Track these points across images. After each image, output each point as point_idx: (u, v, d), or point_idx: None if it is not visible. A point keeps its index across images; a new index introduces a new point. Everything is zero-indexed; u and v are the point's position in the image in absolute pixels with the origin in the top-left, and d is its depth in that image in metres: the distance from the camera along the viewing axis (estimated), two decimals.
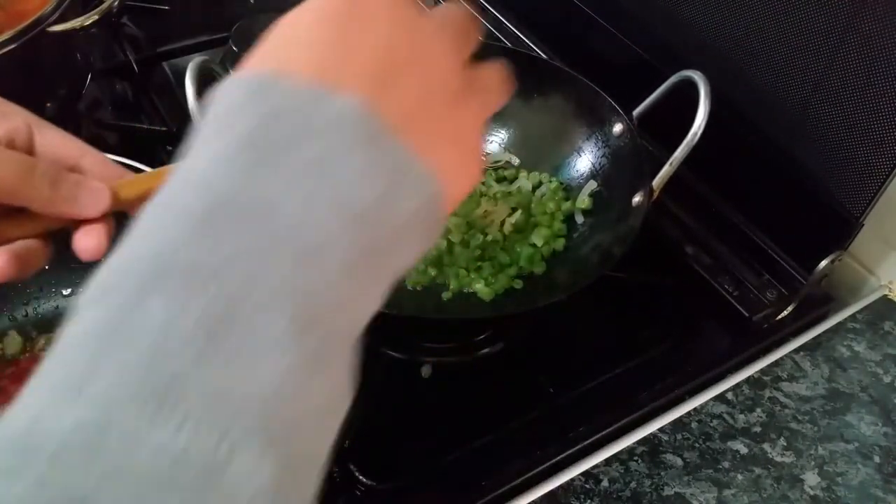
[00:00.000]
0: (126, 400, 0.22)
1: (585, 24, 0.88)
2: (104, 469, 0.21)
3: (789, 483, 0.60)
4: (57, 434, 0.21)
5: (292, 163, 0.26)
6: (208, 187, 0.26)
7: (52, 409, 0.22)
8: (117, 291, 0.25)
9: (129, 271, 0.25)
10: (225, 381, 0.23)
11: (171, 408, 0.22)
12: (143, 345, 0.23)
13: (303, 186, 0.26)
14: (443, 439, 0.62)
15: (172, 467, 0.21)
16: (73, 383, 0.23)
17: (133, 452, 0.21)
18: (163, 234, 0.25)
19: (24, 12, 0.68)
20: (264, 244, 0.25)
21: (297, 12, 0.32)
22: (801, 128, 0.71)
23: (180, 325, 0.23)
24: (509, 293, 0.70)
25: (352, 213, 0.26)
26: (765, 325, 0.73)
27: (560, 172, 0.78)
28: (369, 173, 0.27)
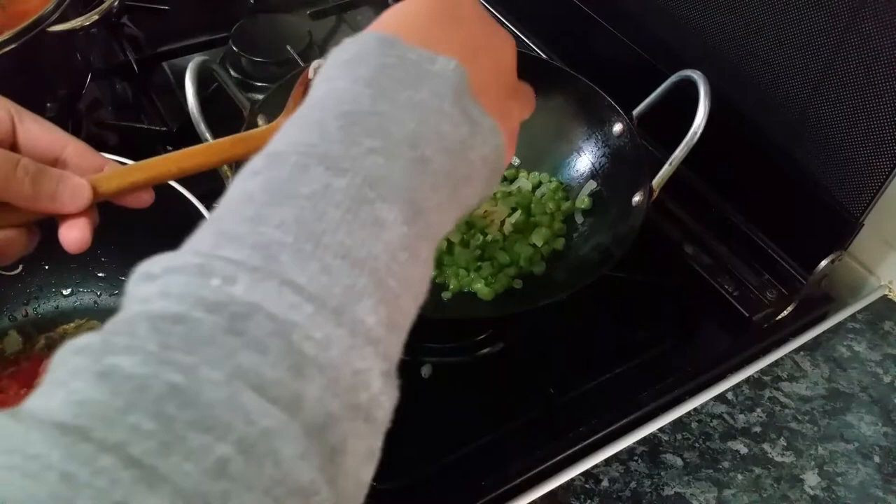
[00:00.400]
0: (287, 244, 0.28)
1: (585, 23, 0.88)
2: (265, 291, 0.26)
3: (789, 483, 0.60)
4: (227, 264, 0.27)
5: (405, 98, 0.34)
6: (341, 106, 0.33)
7: (221, 250, 0.28)
8: (278, 167, 0.31)
9: (286, 154, 0.31)
10: (357, 242, 0.29)
11: (318, 256, 0.28)
12: (301, 205, 0.29)
13: (413, 116, 0.33)
14: (443, 439, 0.62)
15: (313, 301, 0.27)
16: (237, 234, 0.28)
17: (286, 285, 0.27)
18: (307, 135, 0.32)
19: (24, 12, 0.68)
20: (386, 150, 0.31)
21: (407, 3, 0.40)
22: (801, 128, 0.71)
23: (331, 193, 0.29)
24: (509, 293, 0.70)
25: (443, 144, 0.34)
26: (765, 324, 0.73)
27: (560, 172, 0.78)
28: (457, 119, 0.35)
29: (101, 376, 0.24)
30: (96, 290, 0.68)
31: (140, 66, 0.91)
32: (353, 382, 0.27)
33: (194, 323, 0.25)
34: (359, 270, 0.28)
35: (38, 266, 0.67)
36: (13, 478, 0.21)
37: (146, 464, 0.22)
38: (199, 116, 0.66)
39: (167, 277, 0.27)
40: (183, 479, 0.22)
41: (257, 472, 0.23)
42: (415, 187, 0.31)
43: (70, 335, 0.66)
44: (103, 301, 0.68)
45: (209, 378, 0.24)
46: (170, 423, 0.23)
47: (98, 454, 0.22)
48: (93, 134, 0.86)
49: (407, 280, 0.30)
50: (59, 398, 0.24)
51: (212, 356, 0.25)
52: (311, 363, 0.26)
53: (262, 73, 0.90)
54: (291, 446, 0.24)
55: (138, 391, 0.23)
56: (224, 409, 0.24)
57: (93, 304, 0.68)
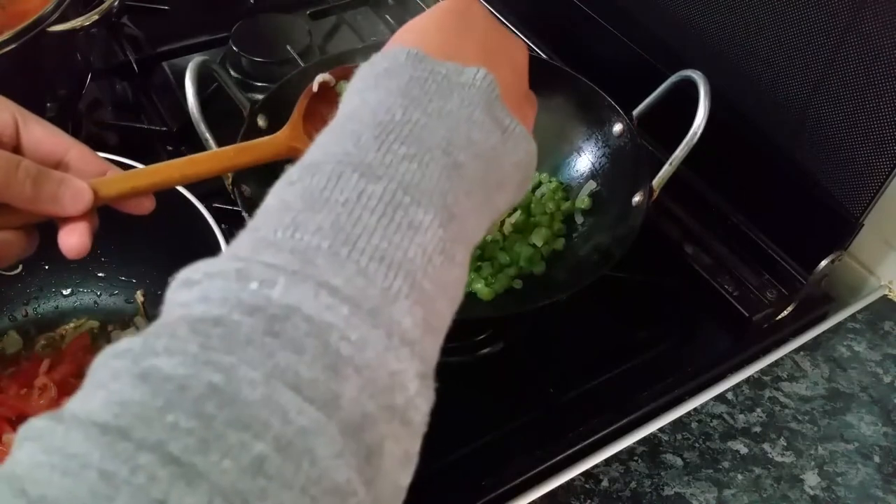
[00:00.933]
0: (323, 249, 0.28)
1: (585, 23, 0.88)
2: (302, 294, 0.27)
3: (789, 483, 0.60)
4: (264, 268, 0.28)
5: (436, 108, 0.35)
6: (374, 117, 0.34)
7: (258, 255, 0.28)
8: (313, 176, 0.31)
9: (322, 164, 0.32)
10: (392, 245, 0.29)
11: (354, 259, 0.28)
12: (337, 212, 0.30)
13: (444, 124, 0.34)
14: (443, 439, 0.62)
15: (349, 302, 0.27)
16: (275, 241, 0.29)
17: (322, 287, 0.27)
18: (341, 145, 0.33)
19: (24, 12, 0.68)
20: (419, 157, 0.32)
21: (420, 18, 0.42)
22: (802, 128, 0.71)
23: (366, 199, 0.30)
24: (509, 293, 0.70)
25: (475, 151, 0.35)
26: (765, 324, 0.73)
27: (560, 172, 0.78)
28: (488, 126, 0.36)
29: (141, 378, 0.24)
30: (96, 290, 0.68)
31: (140, 66, 0.91)
32: (389, 384, 0.27)
33: (233, 325, 0.26)
34: (394, 273, 0.29)
35: (38, 266, 0.67)
36: (53, 476, 0.22)
37: (185, 461, 0.22)
38: (199, 116, 0.66)
39: (207, 283, 0.28)
40: (221, 477, 0.22)
41: (294, 471, 0.24)
42: (449, 192, 0.32)
43: (70, 335, 0.66)
44: (103, 301, 0.68)
45: (247, 377, 0.24)
46: (209, 421, 0.23)
47: (137, 452, 0.22)
48: (93, 134, 0.86)
49: (442, 283, 0.31)
50: (99, 399, 0.24)
51: (250, 356, 0.25)
52: (347, 363, 0.26)
53: (262, 73, 0.90)
54: (328, 445, 0.25)
55: (178, 391, 0.24)
56: (262, 408, 0.24)
57: (93, 304, 0.68)
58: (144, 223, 0.51)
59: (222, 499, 0.22)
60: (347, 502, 0.25)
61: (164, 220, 0.60)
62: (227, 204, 0.70)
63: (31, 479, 0.22)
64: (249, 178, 0.66)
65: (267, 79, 0.89)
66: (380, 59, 0.37)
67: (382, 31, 1.01)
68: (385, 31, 1.01)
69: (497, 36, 0.42)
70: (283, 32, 0.94)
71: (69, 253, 0.43)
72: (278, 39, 0.92)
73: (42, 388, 0.62)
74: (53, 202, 0.42)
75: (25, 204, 0.41)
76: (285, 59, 0.90)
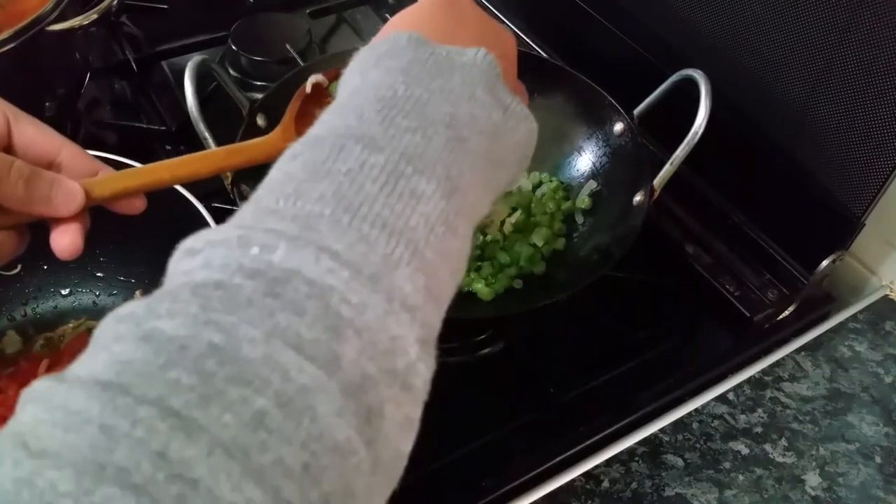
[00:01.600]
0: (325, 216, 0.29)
1: (586, 23, 0.88)
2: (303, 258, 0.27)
3: (790, 483, 0.60)
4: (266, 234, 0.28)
5: (438, 85, 0.35)
6: (377, 92, 0.34)
7: (260, 223, 0.29)
8: (317, 148, 0.32)
9: (325, 137, 0.32)
10: (394, 213, 0.30)
11: (356, 227, 0.29)
12: (339, 181, 0.30)
13: (448, 100, 0.35)
14: (443, 439, 0.62)
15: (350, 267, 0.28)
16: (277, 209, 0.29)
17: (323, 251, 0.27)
18: (344, 120, 0.33)
19: (23, 11, 0.68)
20: (422, 129, 0.32)
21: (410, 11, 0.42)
22: (802, 127, 0.71)
23: (368, 168, 0.30)
24: (509, 293, 0.69)
25: (478, 127, 0.35)
26: (766, 325, 0.72)
27: (560, 172, 0.78)
28: (489, 104, 0.36)
29: (143, 339, 0.25)
30: (95, 290, 0.68)
31: (139, 66, 0.91)
32: (390, 347, 0.28)
33: (234, 288, 0.26)
34: (396, 240, 0.29)
35: (37, 266, 0.67)
36: (55, 432, 0.22)
37: (185, 415, 0.22)
38: (198, 116, 0.65)
39: (209, 250, 0.28)
40: (221, 430, 0.22)
41: (294, 426, 0.24)
42: (452, 164, 0.32)
43: (69, 335, 0.66)
44: (102, 301, 0.68)
45: (248, 336, 0.25)
46: (209, 378, 0.23)
47: (137, 406, 0.22)
48: (92, 133, 0.86)
49: (444, 253, 0.31)
50: (101, 360, 0.25)
51: (251, 317, 0.25)
52: (347, 325, 0.27)
53: (261, 73, 0.90)
54: (328, 403, 0.25)
55: (179, 350, 0.24)
56: (262, 366, 0.24)
57: (91, 304, 0.68)
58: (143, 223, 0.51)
59: (223, 450, 0.22)
60: (348, 460, 0.25)
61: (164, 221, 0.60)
62: (227, 204, 0.70)
63: (33, 435, 0.22)
64: (249, 177, 0.66)
65: (266, 78, 0.89)
66: (380, 42, 0.38)
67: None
68: None
69: (488, 25, 0.43)
70: (283, 31, 0.94)
71: (62, 254, 0.43)
72: (277, 38, 0.92)
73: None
74: (46, 203, 0.41)
75: (17, 205, 0.41)
76: (285, 58, 0.89)
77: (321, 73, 0.64)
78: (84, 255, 0.64)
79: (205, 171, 0.48)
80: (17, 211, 0.41)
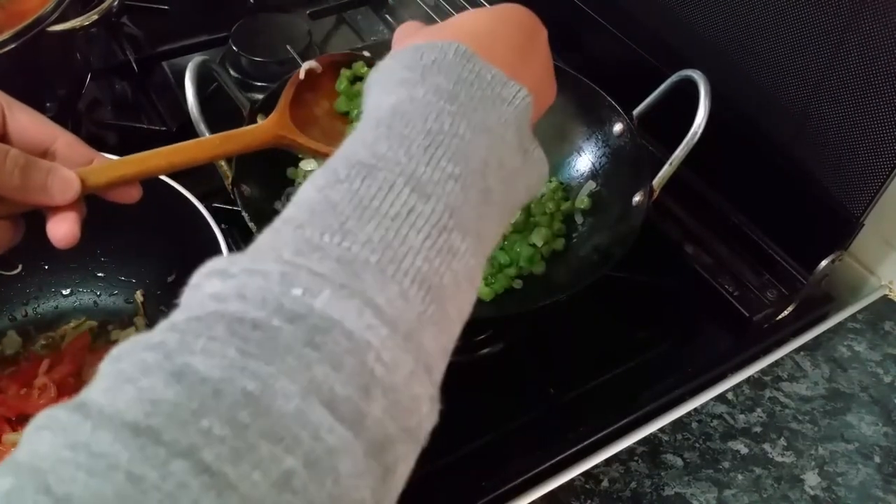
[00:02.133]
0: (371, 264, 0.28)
1: (585, 23, 0.88)
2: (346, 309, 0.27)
3: (789, 483, 0.60)
4: (311, 274, 0.27)
5: (479, 121, 0.34)
6: (425, 124, 0.33)
7: (302, 259, 0.28)
8: (364, 180, 0.31)
9: (374, 167, 0.31)
10: (432, 269, 0.29)
11: (398, 280, 0.28)
12: (387, 226, 0.29)
13: (484, 142, 0.34)
14: (443, 439, 0.62)
15: (389, 324, 0.27)
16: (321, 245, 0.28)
17: (367, 306, 0.27)
18: (394, 149, 0.32)
19: (23, 12, 0.68)
20: (462, 178, 0.32)
21: (486, 19, 0.40)
22: (801, 127, 0.71)
23: (415, 217, 0.30)
24: (509, 293, 0.69)
25: (502, 174, 0.35)
26: (765, 324, 0.73)
27: (560, 172, 0.78)
28: (514, 148, 0.36)
29: (175, 376, 0.24)
30: (96, 291, 0.68)
31: (140, 66, 0.91)
32: (410, 406, 0.28)
33: (273, 331, 0.26)
34: (430, 298, 0.29)
35: (38, 266, 0.67)
36: (79, 475, 0.21)
37: (216, 470, 0.22)
38: (198, 116, 0.65)
39: (245, 279, 0.27)
40: (251, 489, 0.22)
41: (318, 488, 0.24)
42: (481, 218, 0.33)
43: (69, 335, 0.66)
44: (103, 301, 0.68)
45: (284, 390, 0.24)
46: (242, 430, 0.23)
47: (170, 458, 0.22)
48: (92, 133, 0.86)
49: (463, 308, 0.32)
50: (128, 395, 0.23)
51: (289, 367, 0.25)
52: (377, 384, 0.26)
53: (261, 73, 0.90)
54: (352, 465, 0.25)
55: (213, 396, 0.23)
56: (294, 422, 0.24)
57: (92, 304, 0.68)
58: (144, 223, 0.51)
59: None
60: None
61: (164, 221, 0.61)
62: (227, 204, 0.70)
63: (56, 476, 0.21)
64: (249, 178, 0.66)
65: (267, 78, 0.89)
66: (427, 49, 0.36)
67: (382, 30, 1.01)
68: (385, 31, 1.01)
69: (545, 73, 0.43)
70: (283, 32, 0.94)
71: (59, 242, 0.43)
72: (278, 39, 0.92)
73: (42, 388, 0.62)
74: (42, 192, 0.41)
75: (13, 194, 0.41)
76: (285, 58, 0.89)
77: (315, 59, 0.64)
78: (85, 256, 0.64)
79: (200, 157, 0.48)
80: (13, 200, 0.41)
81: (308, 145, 0.55)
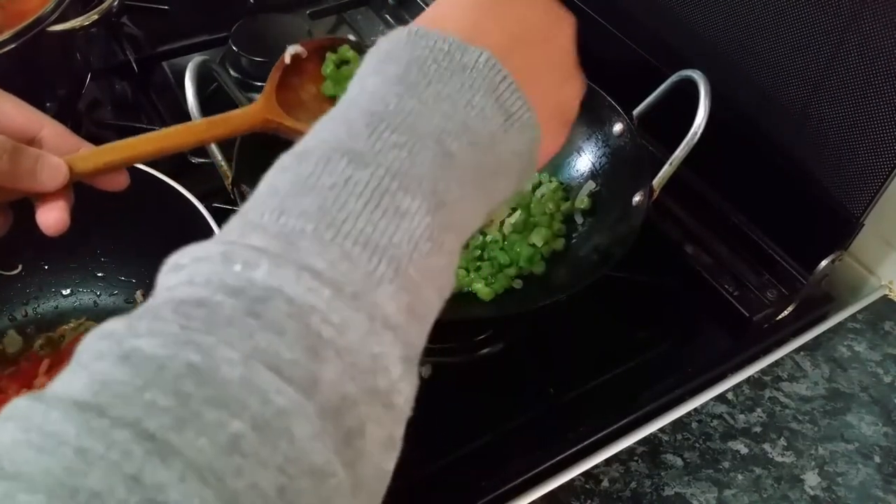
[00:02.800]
0: (307, 232, 0.28)
1: (585, 23, 0.88)
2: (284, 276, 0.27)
3: (789, 483, 0.60)
4: (249, 251, 0.28)
5: (433, 93, 0.33)
6: (370, 107, 0.33)
7: (244, 239, 0.29)
8: (305, 161, 0.31)
9: (313, 150, 0.31)
10: (377, 231, 0.29)
11: (338, 243, 0.28)
12: (323, 196, 0.29)
13: (439, 110, 0.33)
14: (443, 439, 0.62)
15: (332, 285, 0.27)
16: (261, 224, 0.29)
17: (305, 270, 0.27)
18: (333, 133, 0.32)
19: (23, 12, 0.68)
20: (409, 145, 0.32)
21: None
22: (801, 128, 0.71)
23: (353, 184, 0.30)
24: (509, 293, 0.70)
25: (470, 139, 0.33)
26: (765, 324, 0.73)
27: (560, 172, 0.78)
28: (488, 111, 0.34)
29: (123, 358, 0.25)
30: (96, 291, 0.68)
31: (140, 66, 0.91)
32: (371, 367, 0.27)
33: (215, 306, 0.26)
34: (378, 258, 0.29)
35: (38, 266, 0.67)
36: (30, 453, 0.22)
37: (160, 438, 0.22)
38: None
39: (193, 266, 0.28)
40: (196, 454, 0.22)
41: (271, 450, 0.24)
42: (438, 179, 0.32)
43: (69, 335, 0.66)
44: (103, 301, 0.68)
45: (226, 357, 0.25)
46: (186, 399, 0.23)
47: (112, 429, 0.22)
48: (93, 134, 0.86)
49: (429, 270, 0.31)
50: (81, 380, 0.24)
51: (230, 336, 0.25)
52: (328, 346, 0.26)
53: (261, 73, 0.90)
54: (305, 426, 0.25)
55: (157, 371, 0.24)
56: (240, 388, 0.24)
57: (92, 304, 0.68)
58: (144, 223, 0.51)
59: (197, 475, 0.22)
60: (327, 483, 0.25)
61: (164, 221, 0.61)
62: (227, 204, 0.70)
63: (9, 456, 0.22)
64: (249, 178, 0.66)
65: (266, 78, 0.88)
66: (383, 41, 0.36)
67: (382, 30, 1.01)
68: (385, 31, 1.01)
69: (538, 12, 0.40)
70: (283, 32, 0.94)
71: (49, 230, 0.43)
72: (278, 39, 0.92)
73: (42, 388, 0.62)
74: (30, 177, 0.41)
75: (3, 179, 0.41)
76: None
77: (300, 43, 0.64)
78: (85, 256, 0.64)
79: (187, 143, 0.48)
80: (2, 187, 0.41)
81: (296, 127, 0.55)
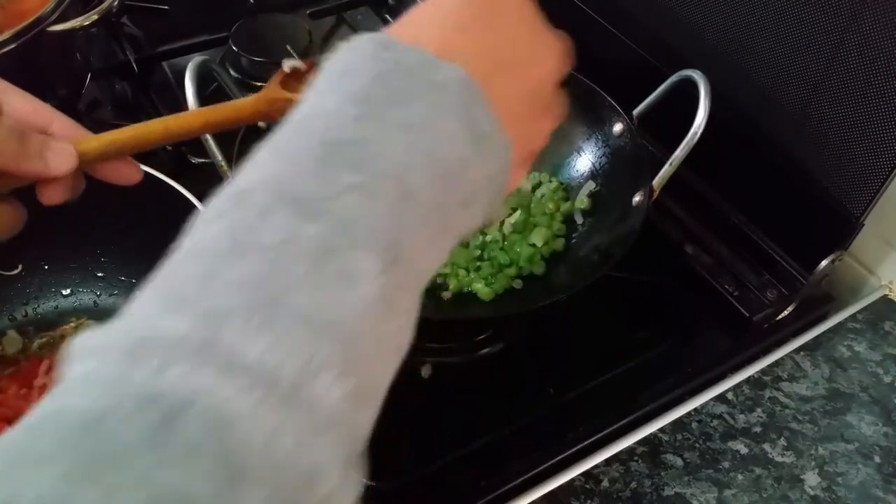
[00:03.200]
0: (236, 312, 0.24)
1: (585, 23, 0.88)
2: (202, 381, 0.23)
3: (789, 483, 0.60)
4: (166, 342, 0.24)
5: (396, 118, 0.29)
6: (324, 133, 0.29)
7: (164, 320, 0.25)
8: (244, 208, 0.27)
9: (254, 191, 0.27)
10: (320, 304, 0.25)
11: (270, 327, 0.24)
12: (259, 261, 0.25)
13: (402, 140, 0.29)
14: (443, 439, 0.62)
15: (261, 384, 0.23)
16: (187, 297, 0.25)
17: (229, 367, 0.23)
18: (280, 168, 0.28)
19: (23, 12, 0.68)
20: (366, 186, 0.28)
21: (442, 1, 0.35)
22: (801, 128, 0.71)
23: (295, 244, 0.26)
24: (509, 293, 0.70)
25: (436, 170, 0.30)
26: (765, 324, 0.73)
27: (560, 172, 0.78)
28: (459, 135, 0.30)
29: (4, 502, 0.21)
30: (96, 291, 0.68)
31: (140, 66, 0.91)
32: (305, 480, 0.24)
33: (114, 429, 0.22)
34: (320, 338, 0.25)
35: (38, 266, 0.67)
36: None
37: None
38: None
39: (98, 358, 0.24)
40: None
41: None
42: (397, 227, 0.28)
43: (69, 335, 0.66)
44: (102, 301, 0.68)
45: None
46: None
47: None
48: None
49: (382, 337, 0.27)
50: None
51: (126, 480, 0.21)
52: (252, 468, 0.23)
53: (261, 73, 0.90)
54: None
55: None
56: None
57: (92, 304, 0.68)
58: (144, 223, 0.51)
59: None
60: None
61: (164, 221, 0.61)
62: None
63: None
64: None
65: (266, 79, 0.88)
66: (344, 50, 0.32)
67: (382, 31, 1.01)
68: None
69: (525, 40, 0.36)
70: (283, 32, 0.94)
71: (49, 200, 0.42)
72: (278, 39, 0.92)
73: (41, 388, 0.62)
74: (39, 160, 0.41)
75: (11, 161, 0.40)
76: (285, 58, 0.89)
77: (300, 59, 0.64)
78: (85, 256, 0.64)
79: (195, 125, 0.49)
80: (11, 171, 0.41)
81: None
